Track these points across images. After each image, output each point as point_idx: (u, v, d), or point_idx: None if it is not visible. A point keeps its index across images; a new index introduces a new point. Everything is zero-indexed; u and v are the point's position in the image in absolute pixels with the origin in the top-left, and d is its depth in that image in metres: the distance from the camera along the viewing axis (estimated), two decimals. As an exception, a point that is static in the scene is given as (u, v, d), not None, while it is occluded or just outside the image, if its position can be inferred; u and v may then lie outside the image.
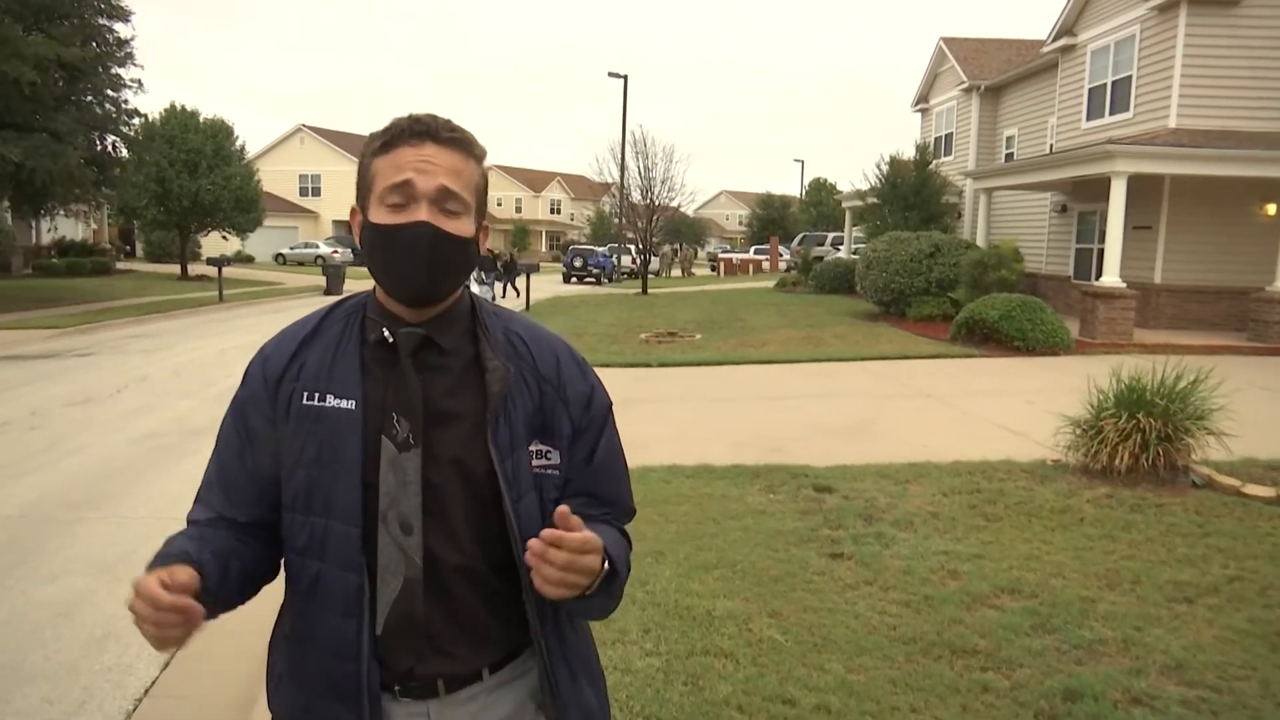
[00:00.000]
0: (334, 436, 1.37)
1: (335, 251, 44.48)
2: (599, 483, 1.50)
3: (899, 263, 17.92)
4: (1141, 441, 6.41)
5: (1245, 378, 10.72)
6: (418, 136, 1.36)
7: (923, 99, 29.45)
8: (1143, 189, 16.22)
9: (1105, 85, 18.54)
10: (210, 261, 26.30)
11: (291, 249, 48.53)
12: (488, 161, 1.48)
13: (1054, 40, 20.23)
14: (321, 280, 29.66)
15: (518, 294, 25.73)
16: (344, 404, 1.38)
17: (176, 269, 33.12)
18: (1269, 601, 4.43)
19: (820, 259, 29.14)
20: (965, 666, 3.73)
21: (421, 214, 1.33)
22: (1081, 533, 5.47)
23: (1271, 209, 16.05)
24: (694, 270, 45.92)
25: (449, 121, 1.40)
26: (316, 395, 1.39)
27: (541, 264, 42.26)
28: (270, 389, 1.43)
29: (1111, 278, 15.08)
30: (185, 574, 1.23)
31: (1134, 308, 14.95)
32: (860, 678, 3.62)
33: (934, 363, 13.10)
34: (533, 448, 1.42)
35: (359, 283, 32.68)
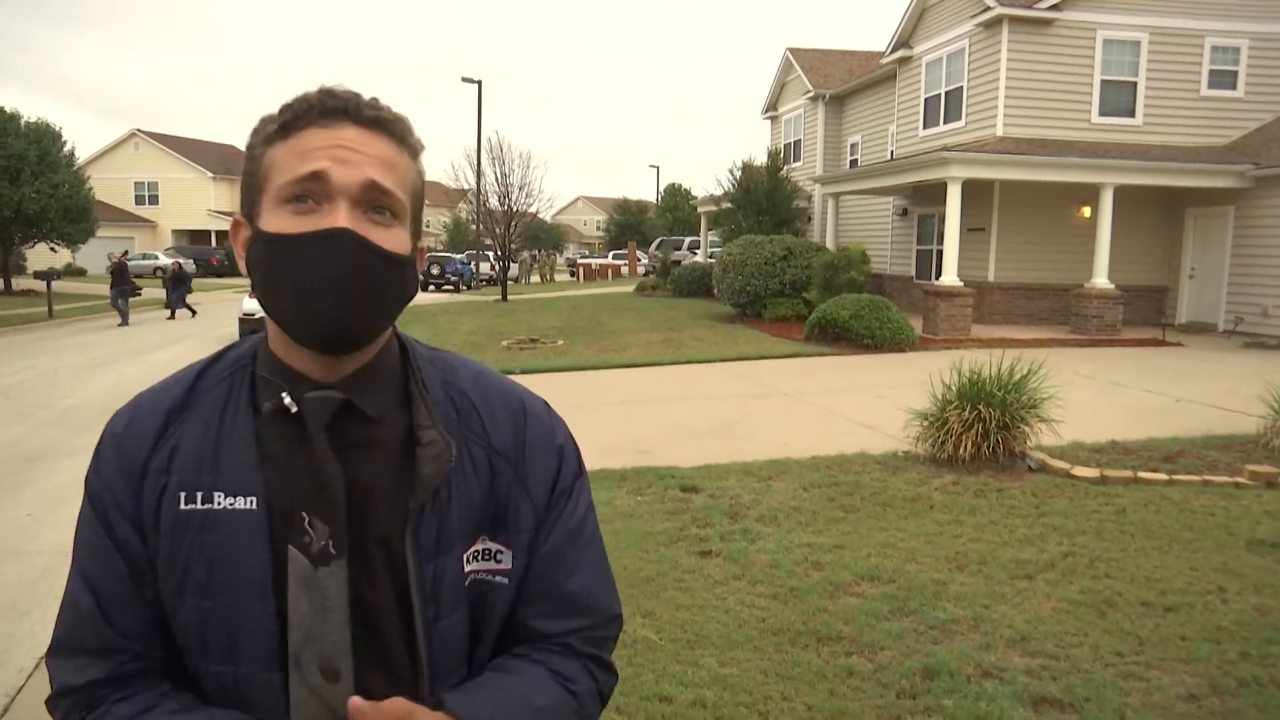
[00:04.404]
0: (229, 550, 1.00)
1: (176, 263, 42.22)
2: (552, 573, 1.11)
3: (754, 266, 18.43)
4: (982, 431, 6.84)
5: (1070, 367, 11.56)
6: (331, 115, 0.99)
7: (772, 107, 30.40)
8: (976, 193, 17.29)
9: (940, 95, 19.64)
10: (38, 275, 24.49)
11: (144, 259, 45.80)
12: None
13: (892, 52, 21.27)
14: (162, 293, 28.09)
15: (192, 313, 23.36)
16: (239, 503, 1.00)
17: (-1, 284, 30.74)
18: (1096, 573, 4.83)
19: (678, 263, 29.61)
20: (831, 653, 3.90)
21: (340, 218, 0.96)
22: (932, 519, 5.80)
23: (1087, 212, 17.38)
24: (555, 276, 45.90)
25: (374, 99, 1.03)
26: (199, 495, 1.01)
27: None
28: (131, 481, 1.03)
29: (950, 277, 15.97)
30: None
31: (971, 305, 15.90)
32: (733, 670, 3.74)
33: (790, 362, 13.55)
34: (475, 547, 1.07)
35: (204, 294, 31.12)
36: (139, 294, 24.88)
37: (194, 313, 23.42)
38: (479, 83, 33.55)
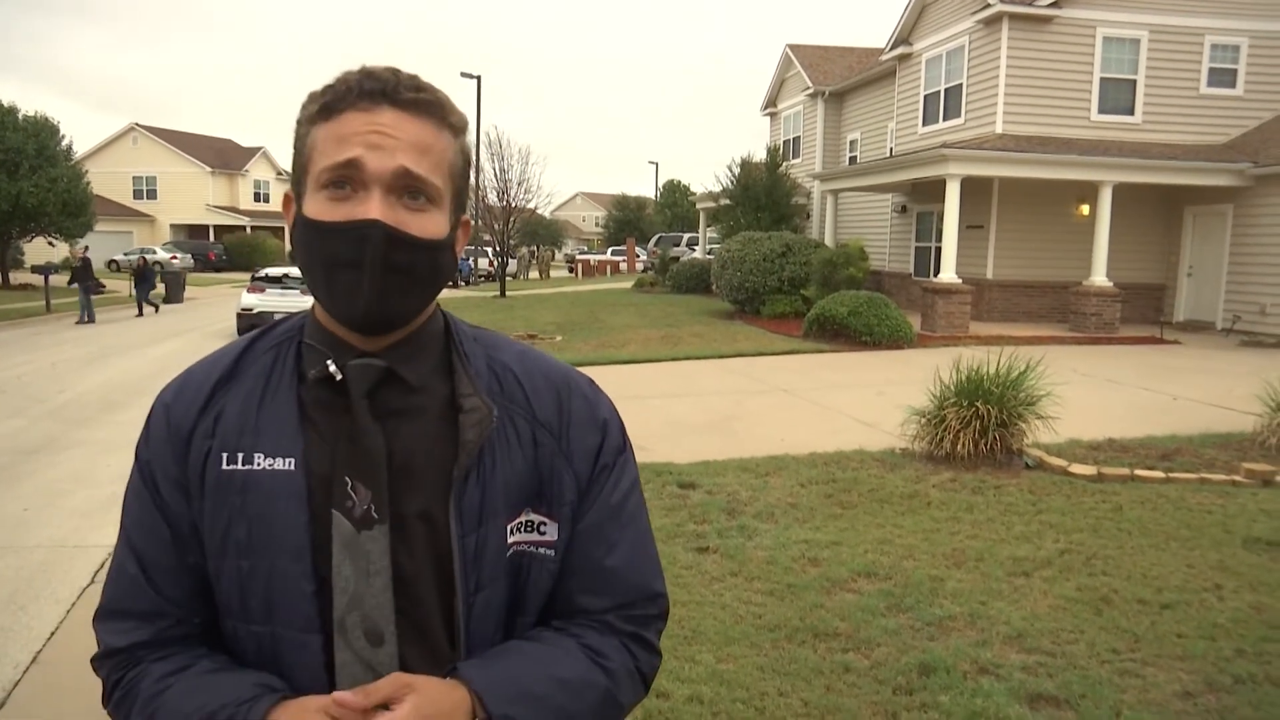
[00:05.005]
0: (268, 510, 1.03)
1: (174, 257, 42.23)
2: (592, 549, 1.11)
3: (752, 262, 18.42)
4: (980, 428, 6.84)
5: (1068, 365, 11.58)
6: (369, 98, 1.01)
7: (771, 103, 30.38)
8: (974, 190, 17.29)
9: (939, 92, 19.63)
10: (35, 269, 24.46)
11: (126, 255, 45.72)
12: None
13: (892, 49, 21.26)
14: (160, 288, 28.06)
15: (155, 309, 22.98)
16: (278, 464, 1.03)
17: (-5, 278, 30.67)
18: (1093, 570, 4.84)
19: (676, 259, 29.61)
20: (828, 649, 3.90)
21: (372, 208, 0.99)
22: (929, 516, 5.80)
23: (1086, 209, 17.38)
24: (551, 273, 45.90)
25: (414, 77, 1.04)
26: (240, 456, 1.04)
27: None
28: (178, 448, 1.07)
29: (948, 274, 15.97)
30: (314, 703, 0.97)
31: (969, 302, 15.90)
32: (730, 666, 3.75)
33: (788, 358, 13.55)
34: (519, 519, 1.08)
35: (202, 289, 31.11)
36: (102, 290, 24.75)
37: (155, 310, 23.09)
38: (478, 78, 33.53)
